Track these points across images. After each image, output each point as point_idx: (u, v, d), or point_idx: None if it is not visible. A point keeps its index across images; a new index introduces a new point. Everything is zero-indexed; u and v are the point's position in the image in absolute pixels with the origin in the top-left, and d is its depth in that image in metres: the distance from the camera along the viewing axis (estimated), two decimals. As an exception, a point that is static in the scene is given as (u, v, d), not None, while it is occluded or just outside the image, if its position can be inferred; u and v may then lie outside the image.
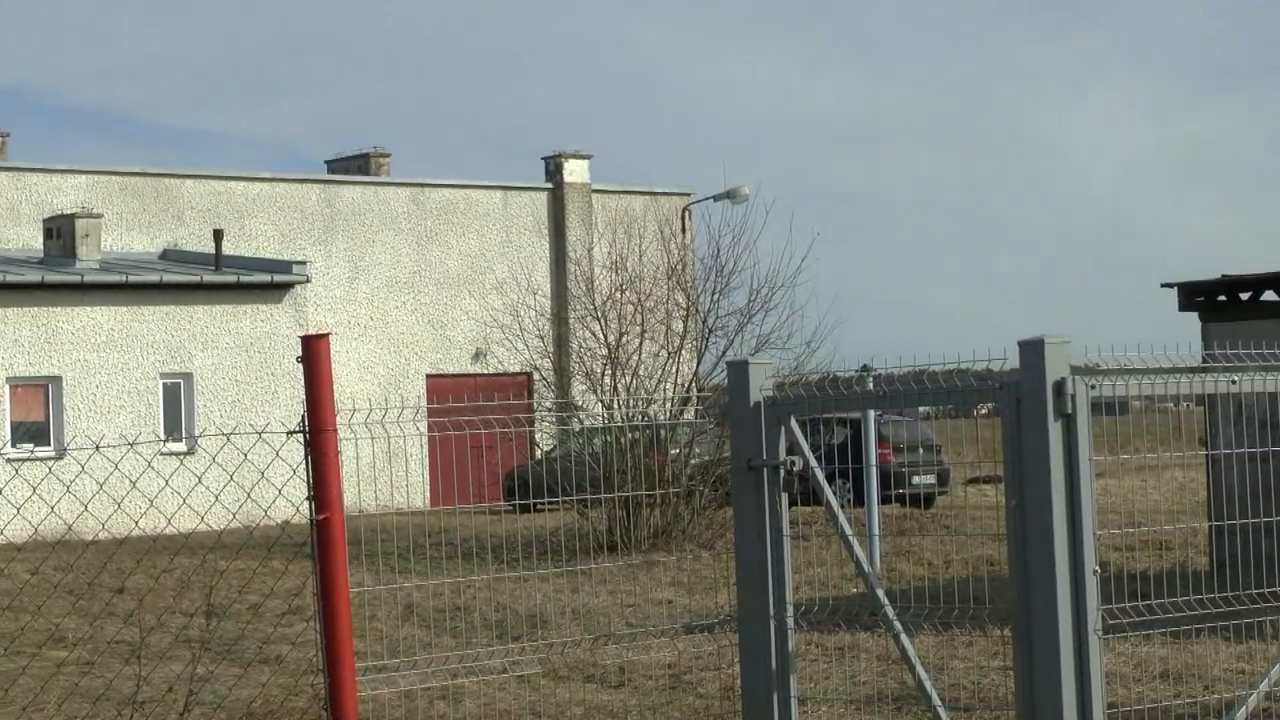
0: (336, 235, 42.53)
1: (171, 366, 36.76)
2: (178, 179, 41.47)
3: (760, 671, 8.73)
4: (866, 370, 10.89)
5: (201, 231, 39.88)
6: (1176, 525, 22.45)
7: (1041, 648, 7.49)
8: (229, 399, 36.95)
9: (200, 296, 37.05)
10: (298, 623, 15.78)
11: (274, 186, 42.36)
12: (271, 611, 17.17)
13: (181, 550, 18.30)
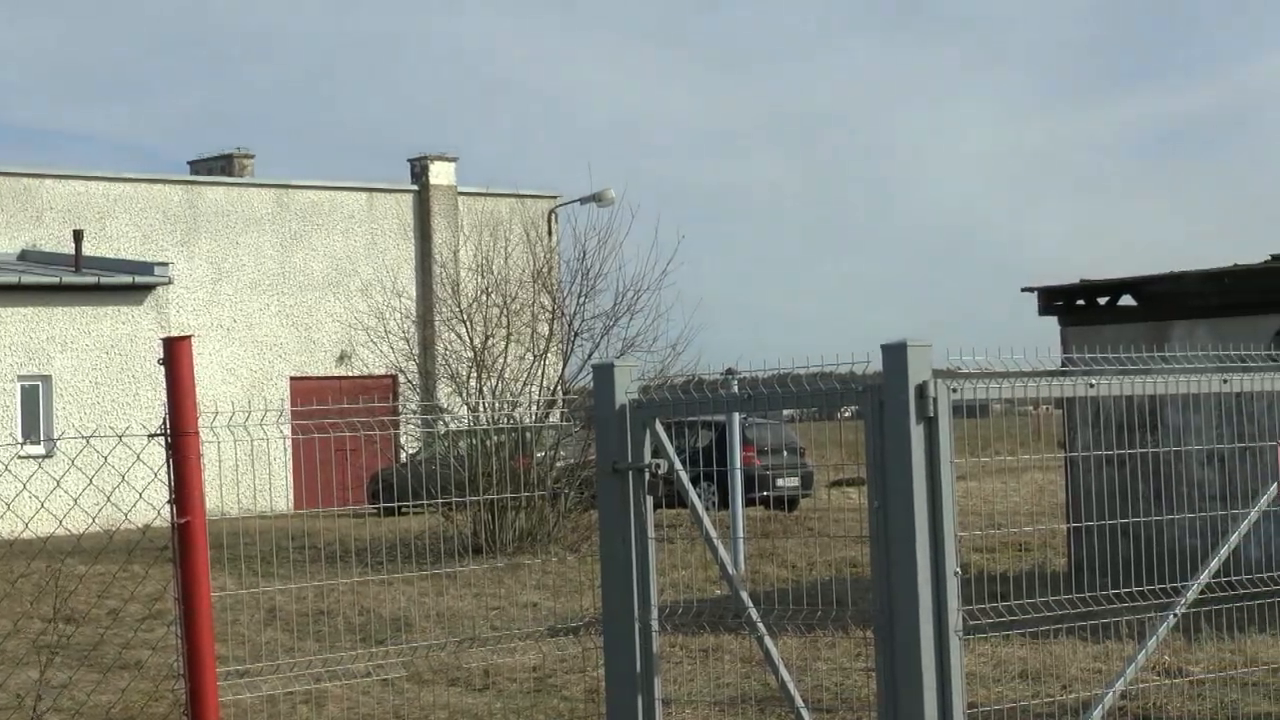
0: (199, 236, 42.10)
1: (30, 369, 36.20)
2: (36, 179, 40.87)
3: (625, 674, 8.74)
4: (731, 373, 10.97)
5: (61, 232, 39.35)
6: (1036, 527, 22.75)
7: (903, 649, 7.55)
8: (89, 401, 36.45)
9: (60, 298, 36.50)
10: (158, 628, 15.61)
11: (135, 187, 41.87)
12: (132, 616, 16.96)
13: (39, 555, 18.05)
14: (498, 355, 28.30)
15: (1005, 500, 27.54)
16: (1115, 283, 19.88)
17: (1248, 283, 18.75)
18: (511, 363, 28.26)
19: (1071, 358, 8.55)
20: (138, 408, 35.59)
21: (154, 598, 15.83)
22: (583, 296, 28.82)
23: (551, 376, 28.43)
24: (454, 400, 28.47)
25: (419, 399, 31.76)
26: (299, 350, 42.99)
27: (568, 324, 28.85)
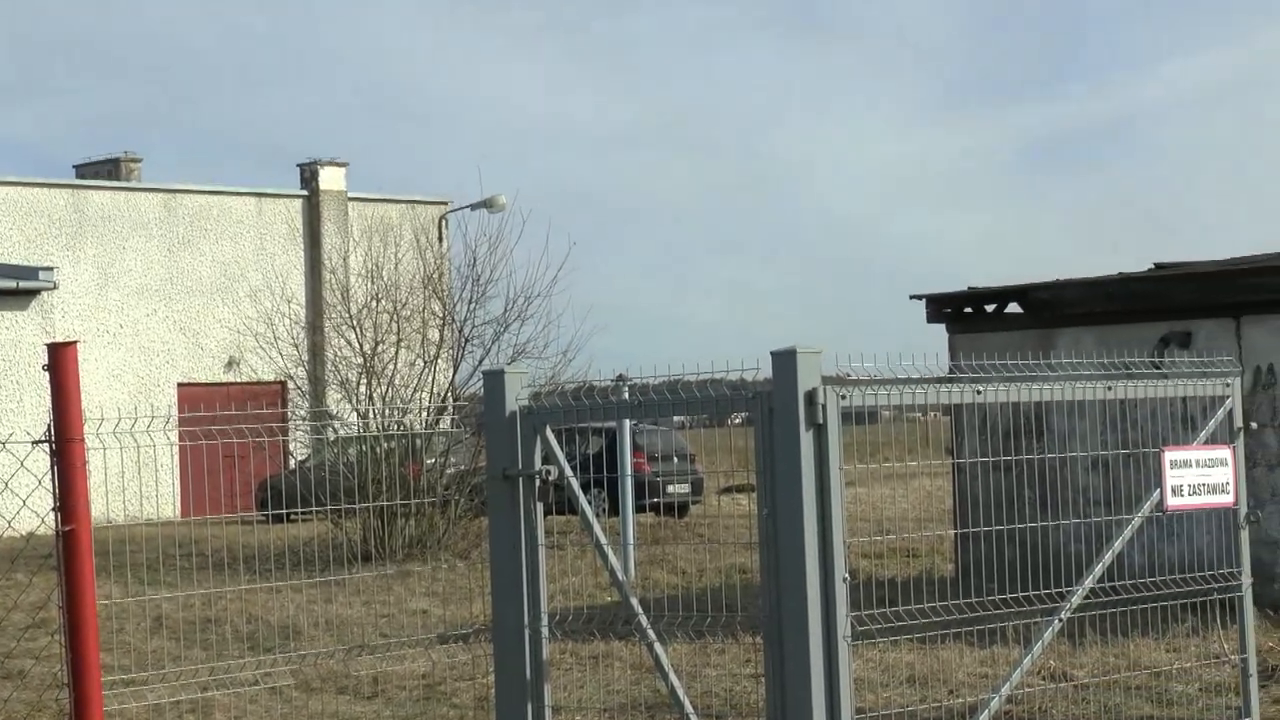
0: (86, 241, 41.64)
1: (-89, 374, 35.71)
2: (-83, 181, 40.33)
3: (514, 681, 8.73)
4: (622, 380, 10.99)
5: (-57, 236, 38.83)
6: (924, 533, 22.90)
7: (792, 654, 7.59)
8: (-29, 407, 35.98)
9: (-58, 302, 36.02)
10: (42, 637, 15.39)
11: (19, 191, 41.35)
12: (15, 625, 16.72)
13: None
14: (388, 361, 28.18)
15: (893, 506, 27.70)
16: (1002, 291, 20.06)
17: (1131, 291, 18.98)
18: (402, 369, 28.15)
19: (959, 365, 8.63)
20: (22, 414, 35.14)
21: (38, 606, 15.62)
22: (473, 303, 28.77)
23: (442, 383, 28.34)
24: (344, 407, 28.32)
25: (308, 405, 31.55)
26: (187, 356, 42.63)
27: (458, 330, 28.77)
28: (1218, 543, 9.54)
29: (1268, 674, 12.66)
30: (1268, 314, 17.75)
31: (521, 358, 27.64)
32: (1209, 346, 17.39)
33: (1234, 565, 9.39)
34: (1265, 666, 12.61)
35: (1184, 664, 12.19)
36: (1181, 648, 13.37)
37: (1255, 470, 17.19)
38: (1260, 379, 17.72)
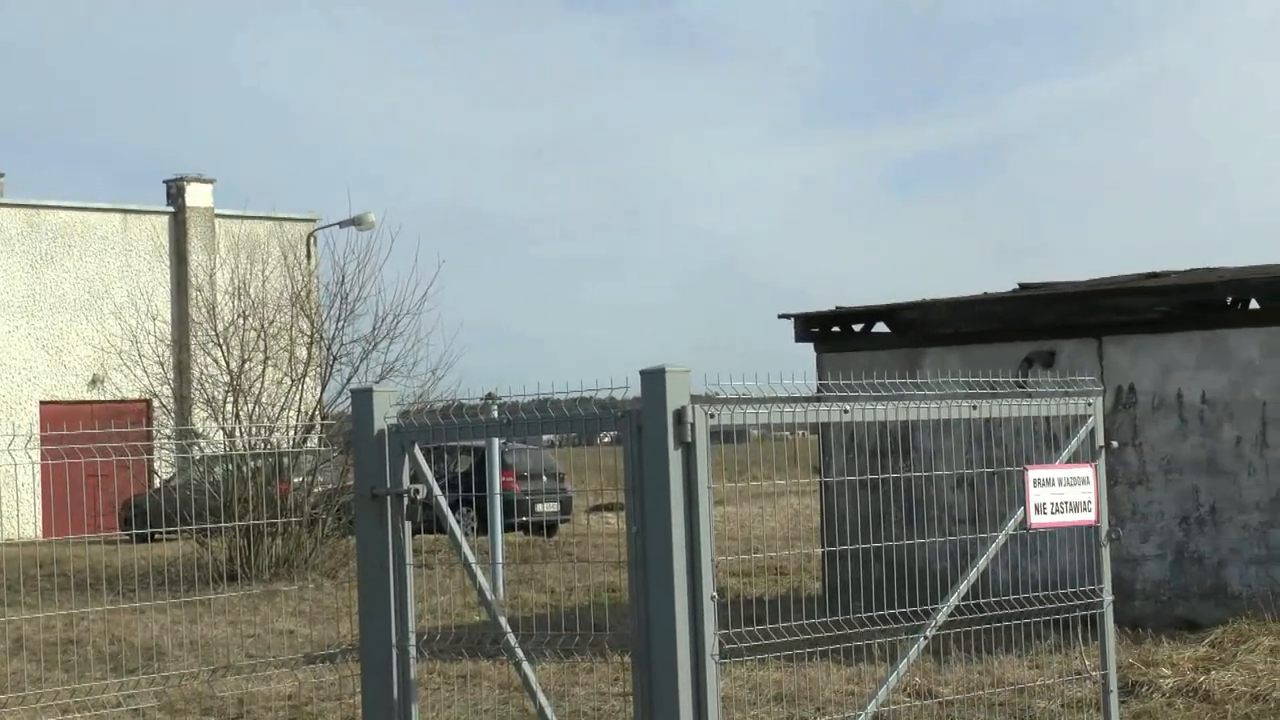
0: (-55, 256, 41.02)
1: None
2: None
3: (382, 701, 8.68)
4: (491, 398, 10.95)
5: None
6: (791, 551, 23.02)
7: (660, 673, 7.60)
8: None
9: None
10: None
11: (-123, 205, 40.69)
12: None
13: None
14: (255, 379, 27.96)
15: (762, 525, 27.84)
16: (869, 310, 20.22)
17: (996, 311, 19.20)
18: (269, 387, 27.94)
19: (827, 384, 8.69)
20: (-122, 432, 34.51)
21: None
22: (341, 320, 28.63)
23: (309, 401, 28.15)
24: (210, 425, 28.05)
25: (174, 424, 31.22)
26: (49, 374, 42.05)
27: (326, 348, 28.60)
28: (1080, 560, 9.66)
29: (1128, 690, 12.84)
30: (1129, 334, 18.02)
31: (390, 376, 27.54)
32: (1072, 366, 17.63)
33: (1096, 582, 9.51)
34: (1125, 682, 12.80)
35: (1047, 680, 12.33)
36: (1044, 664, 13.53)
37: (1116, 488, 17.43)
38: (1121, 398, 17.98)
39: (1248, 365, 17.35)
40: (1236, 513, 17.35)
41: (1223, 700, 12.66)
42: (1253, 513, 17.25)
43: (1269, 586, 17.05)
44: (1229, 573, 17.35)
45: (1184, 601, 17.53)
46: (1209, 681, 13.17)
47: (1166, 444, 17.78)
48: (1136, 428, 17.92)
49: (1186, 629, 16.44)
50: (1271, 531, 17.13)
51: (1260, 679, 13.30)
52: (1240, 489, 17.34)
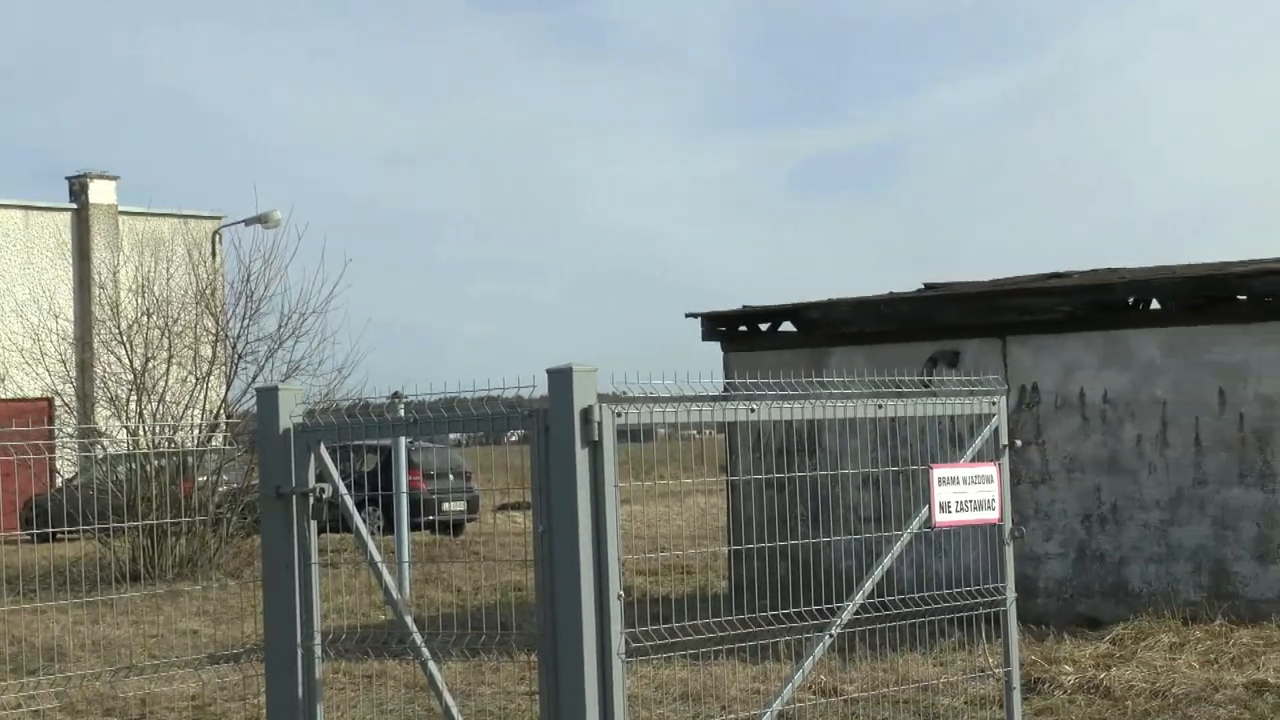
0: None
1: None
2: None
3: (286, 701, 8.64)
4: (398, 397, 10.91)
5: None
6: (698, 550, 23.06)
7: (566, 672, 7.61)
8: None
9: None
10: None
11: None
12: None
13: None
14: (159, 378, 27.74)
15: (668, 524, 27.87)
16: (776, 309, 20.30)
17: (901, 311, 19.32)
18: (173, 386, 27.72)
19: (733, 383, 8.71)
20: None
21: None
22: (247, 319, 28.45)
23: (214, 400, 27.96)
24: (113, 424, 27.81)
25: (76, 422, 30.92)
26: (-51, 372, 41.55)
27: (231, 346, 28.41)
28: (984, 558, 9.73)
29: (1030, 687, 12.96)
30: (1033, 334, 18.18)
31: (296, 374, 27.39)
32: (976, 366, 17.76)
33: (999, 580, 9.59)
34: (1028, 679, 12.91)
35: (950, 678, 12.42)
36: (948, 662, 13.63)
37: (1020, 487, 17.59)
38: (1025, 398, 18.13)
39: (1149, 365, 17.54)
40: (1137, 511, 17.53)
41: (1123, 697, 12.80)
42: (1153, 511, 17.44)
43: (1169, 584, 17.25)
44: (1130, 570, 17.53)
45: (1086, 599, 17.71)
46: (1110, 678, 13.31)
47: (1069, 443, 17.95)
48: (1040, 427, 18.08)
49: (1088, 626, 16.61)
50: (1171, 530, 17.32)
51: (1159, 675, 13.45)
52: (1141, 488, 17.53)
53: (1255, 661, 13.97)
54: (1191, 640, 15.04)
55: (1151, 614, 16.33)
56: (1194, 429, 17.27)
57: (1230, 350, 17.13)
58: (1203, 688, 12.98)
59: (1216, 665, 13.94)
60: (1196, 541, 17.19)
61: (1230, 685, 13.02)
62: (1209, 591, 16.99)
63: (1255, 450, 16.96)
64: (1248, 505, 16.98)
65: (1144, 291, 18.12)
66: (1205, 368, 17.25)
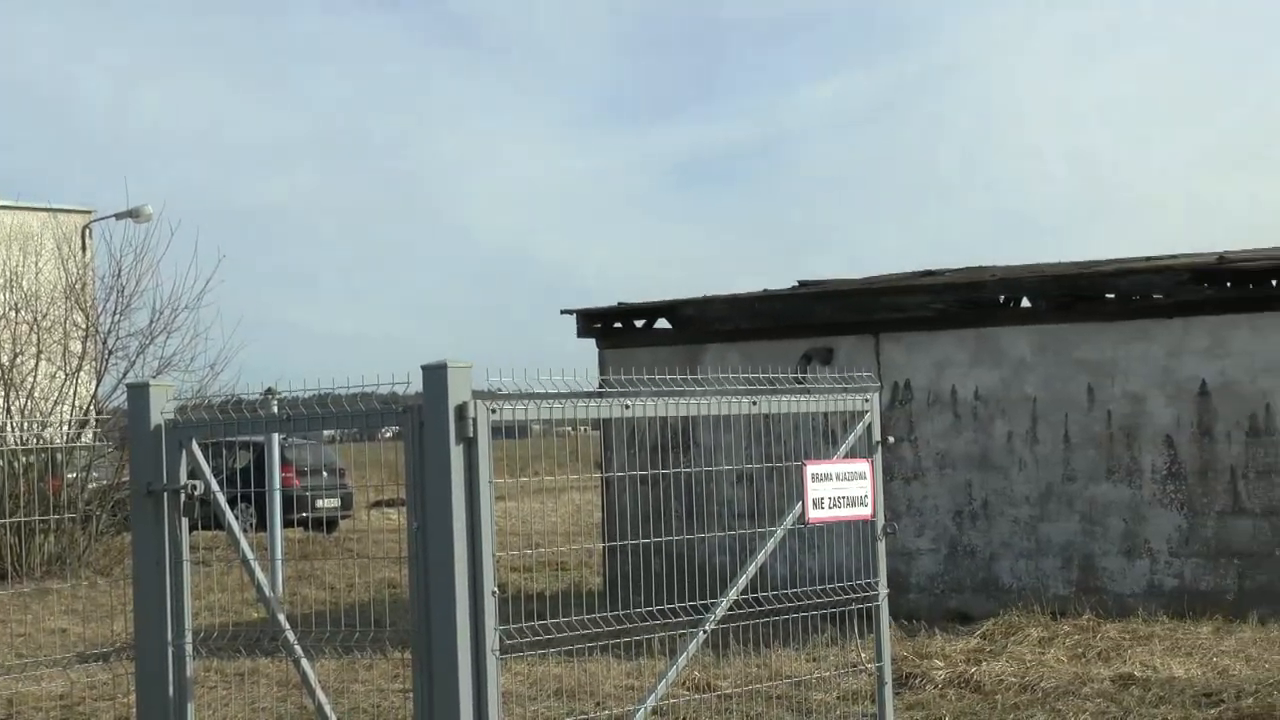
0: None
1: None
2: None
3: (157, 700, 8.57)
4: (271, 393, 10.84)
5: None
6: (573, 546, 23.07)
7: (440, 669, 7.59)
8: None
9: None
10: None
11: None
12: None
13: None
14: (27, 373, 27.36)
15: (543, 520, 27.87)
16: (651, 307, 20.34)
17: (776, 308, 19.42)
18: (42, 381, 27.35)
19: (608, 379, 8.72)
20: None
21: None
22: (118, 314, 28.13)
23: (84, 395, 27.62)
24: (-21, 420, 27.38)
25: (-59, 418, 30.41)
26: None
27: (102, 342, 28.08)
28: (856, 554, 9.81)
29: (902, 682, 13.07)
30: (905, 331, 18.34)
31: (168, 370, 27.14)
32: (850, 363, 17.91)
33: (871, 576, 9.66)
34: (900, 674, 13.03)
35: (823, 673, 12.50)
36: (821, 657, 13.72)
37: (893, 483, 17.74)
38: (898, 394, 18.29)
39: (1019, 362, 17.75)
40: (1008, 507, 17.74)
41: (993, 691, 12.94)
42: (1023, 507, 17.65)
43: (1038, 579, 17.46)
44: (1000, 566, 17.73)
45: (957, 594, 17.90)
46: (980, 672, 13.45)
47: (941, 439, 18.12)
48: (912, 423, 18.24)
49: (959, 621, 16.78)
50: (1041, 525, 17.54)
51: (1028, 669, 13.61)
52: (1011, 484, 17.73)
53: (1122, 655, 14.16)
54: (1060, 634, 15.23)
55: (1021, 609, 16.53)
56: (1063, 426, 17.50)
57: (1098, 348, 17.37)
58: (1071, 681, 13.15)
59: (1084, 659, 14.13)
60: (1065, 537, 17.42)
61: (1097, 679, 13.19)
62: (1077, 586, 17.23)
63: (1123, 447, 17.21)
64: (1115, 501, 17.22)
65: (1014, 290, 18.33)
66: (1074, 365, 17.48)
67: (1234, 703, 12.15)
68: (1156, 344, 17.09)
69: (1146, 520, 17.06)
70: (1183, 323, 16.98)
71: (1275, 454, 16.51)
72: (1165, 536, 16.97)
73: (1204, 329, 16.89)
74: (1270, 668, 13.42)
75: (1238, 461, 16.69)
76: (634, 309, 20.40)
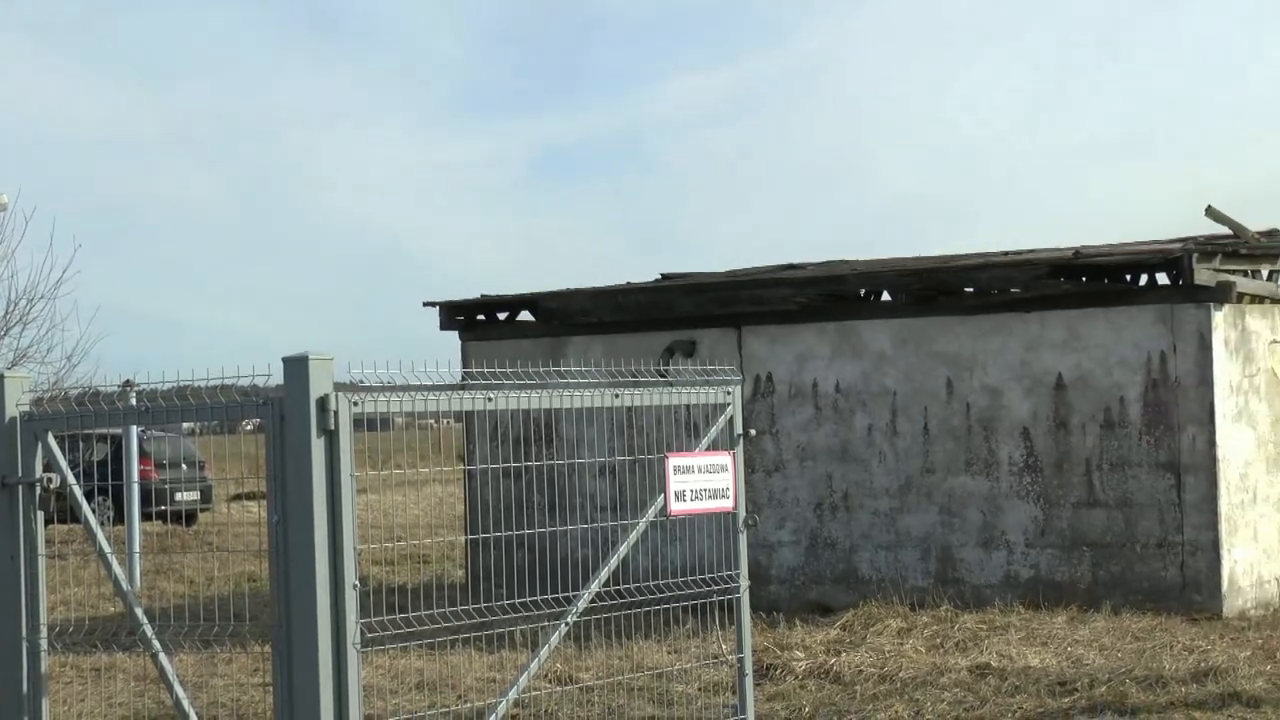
0: None
1: None
2: None
3: (10, 696, 8.46)
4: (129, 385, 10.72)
5: None
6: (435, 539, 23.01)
7: (301, 662, 7.54)
8: None
9: None
10: None
11: None
12: None
13: None
14: None
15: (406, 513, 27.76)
16: (514, 299, 20.31)
17: (639, 301, 19.45)
18: (-110, 373, 26.84)
19: (471, 372, 8.70)
20: None
21: None
22: (-30, 305, 27.66)
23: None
24: None
25: None
26: None
27: (-46, 333, 27.62)
28: (718, 546, 9.85)
29: (763, 673, 13.15)
30: (767, 324, 18.45)
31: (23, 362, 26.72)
32: (712, 355, 17.99)
33: (733, 568, 9.70)
34: (760, 665, 13.11)
35: (685, 665, 12.55)
36: (682, 649, 13.78)
37: (754, 476, 17.84)
38: (760, 387, 18.39)
39: (879, 355, 17.91)
40: (868, 499, 17.89)
41: (852, 681, 13.05)
42: (883, 499, 17.81)
43: (897, 570, 17.64)
44: (860, 557, 17.89)
45: (817, 586, 18.03)
46: (839, 663, 13.57)
47: (802, 432, 18.24)
48: (774, 416, 18.35)
49: (820, 613, 16.91)
50: (900, 517, 17.71)
51: (887, 660, 13.75)
52: (872, 476, 17.89)
53: (979, 645, 14.34)
54: (919, 625, 15.38)
55: (881, 600, 16.68)
56: (923, 419, 17.68)
57: (957, 341, 17.57)
58: (929, 671, 13.30)
59: (942, 649, 14.29)
60: (924, 529, 17.60)
61: (955, 669, 13.35)
62: (936, 578, 17.42)
63: (981, 439, 17.42)
64: (973, 493, 17.43)
65: (875, 283, 18.49)
66: (934, 359, 17.67)
67: (1087, 691, 12.34)
68: (1014, 338, 17.31)
69: (1003, 512, 17.28)
70: (1040, 317, 17.21)
71: (1129, 446, 16.77)
72: (1022, 528, 17.19)
73: (1060, 323, 17.12)
74: (1122, 657, 13.65)
75: (1092, 454, 16.94)
76: (497, 301, 20.36)
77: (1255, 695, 12.15)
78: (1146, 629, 15.10)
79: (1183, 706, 11.91)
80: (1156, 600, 16.36)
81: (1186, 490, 16.50)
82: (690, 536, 10.63)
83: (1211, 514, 16.42)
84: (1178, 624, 15.45)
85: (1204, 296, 16.54)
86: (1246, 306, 17.15)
